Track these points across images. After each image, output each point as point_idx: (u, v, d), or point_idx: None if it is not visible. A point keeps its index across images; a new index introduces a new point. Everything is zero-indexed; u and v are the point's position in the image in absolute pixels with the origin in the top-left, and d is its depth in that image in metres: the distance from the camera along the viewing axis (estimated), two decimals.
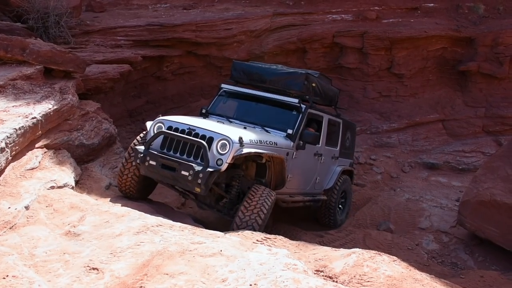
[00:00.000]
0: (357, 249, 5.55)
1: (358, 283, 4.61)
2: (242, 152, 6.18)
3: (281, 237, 6.11)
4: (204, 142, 6.20)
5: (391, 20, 14.88)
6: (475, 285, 6.89)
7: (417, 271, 5.22)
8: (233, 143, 6.17)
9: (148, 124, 6.97)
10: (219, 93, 8.67)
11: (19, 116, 6.18)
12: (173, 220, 5.62)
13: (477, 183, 8.79)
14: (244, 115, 8.18)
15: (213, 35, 13.26)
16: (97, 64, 10.65)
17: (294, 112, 7.93)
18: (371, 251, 5.55)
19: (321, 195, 9.11)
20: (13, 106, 6.42)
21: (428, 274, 5.37)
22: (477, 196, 8.56)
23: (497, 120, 14.44)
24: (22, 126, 6.07)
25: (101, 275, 3.92)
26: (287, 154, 7.38)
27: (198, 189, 6.14)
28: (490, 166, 9.11)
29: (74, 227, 5.10)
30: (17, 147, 6.04)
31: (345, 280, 4.67)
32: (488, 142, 14.04)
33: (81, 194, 6.60)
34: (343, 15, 14.91)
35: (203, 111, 8.37)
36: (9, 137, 5.75)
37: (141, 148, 6.60)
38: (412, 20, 14.92)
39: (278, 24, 14.32)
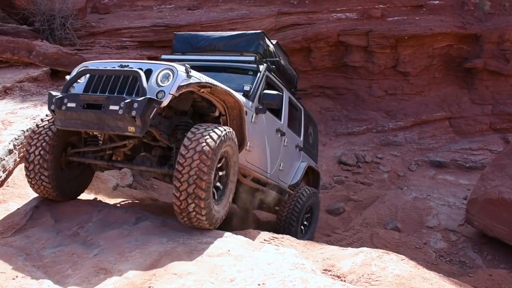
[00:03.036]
0: (364, 248, 5.54)
1: (366, 282, 4.60)
2: (190, 82, 4.75)
3: (288, 236, 6.10)
4: (139, 70, 4.77)
5: (396, 18, 14.85)
6: (483, 284, 6.86)
7: (425, 270, 5.20)
8: (178, 71, 4.73)
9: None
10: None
11: (26, 118, 6.21)
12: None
13: (485, 181, 8.75)
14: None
15: None
16: None
17: (251, 74, 6.46)
18: (379, 250, 5.54)
19: (286, 188, 7.35)
20: (20, 108, 6.46)
21: (436, 273, 5.35)
22: (485, 194, 8.52)
23: (504, 117, 14.38)
24: (30, 128, 6.10)
25: (109, 276, 3.93)
26: (246, 113, 5.73)
27: (132, 128, 4.57)
28: (497, 164, 9.07)
29: (82, 227, 5.11)
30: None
31: (353, 280, 4.66)
32: (495, 139, 13.99)
33: (89, 195, 6.61)
34: (348, 14, 14.89)
35: None
36: (17, 139, 5.79)
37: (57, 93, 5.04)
38: (417, 18, 14.88)
39: (283, 23, 14.32)
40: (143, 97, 4.51)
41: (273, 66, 6.76)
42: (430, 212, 10.41)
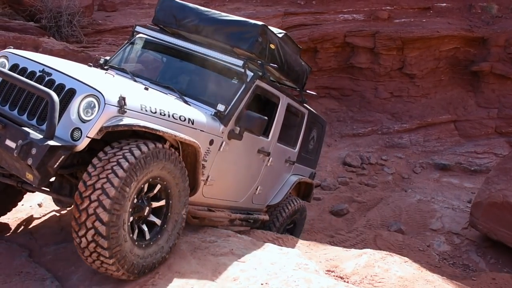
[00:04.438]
0: (368, 250, 5.54)
1: (370, 283, 4.60)
2: (120, 123, 3.56)
3: (292, 236, 6.11)
4: (51, 92, 3.54)
5: (403, 20, 14.83)
6: None
7: (428, 272, 5.20)
8: (105, 103, 3.53)
9: None
10: (131, 40, 5.81)
11: None
12: None
13: (490, 185, 8.73)
14: (161, 75, 5.55)
15: None
16: None
17: (235, 81, 5.12)
18: (382, 251, 5.54)
19: (260, 213, 6.21)
20: None
21: (439, 276, 5.35)
22: (489, 197, 8.50)
23: (510, 121, 14.34)
24: None
25: None
26: (211, 142, 4.65)
27: (29, 176, 3.52)
28: (502, 167, 9.04)
29: None
30: None
31: (356, 281, 4.66)
32: (500, 143, 13.94)
33: None
34: (354, 15, 14.88)
35: (101, 61, 5.60)
36: None
37: None
38: (424, 20, 14.85)
39: (289, 23, 14.32)
40: (46, 142, 3.35)
41: (268, 74, 5.50)
42: (434, 214, 10.39)
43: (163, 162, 3.76)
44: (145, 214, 3.78)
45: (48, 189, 4.17)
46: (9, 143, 3.52)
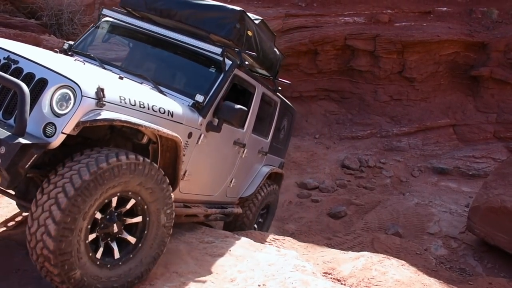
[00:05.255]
0: (365, 253, 5.55)
1: (367, 286, 4.61)
2: (98, 117, 3.26)
3: (289, 238, 6.12)
4: (20, 83, 3.20)
5: (403, 23, 14.85)
6: None
7: (425, 276, 5.21)
8: (82, 95, 3.21)
9: None
10: (98, 24, 5.37)
11: None
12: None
13: (488, 189, 8.74)
14: (131, 63, 5.20)
15: None
16: None
17: (213, 70, 4.84)
18: (380, 254, 5.55)
19: (233, 206, 6.03)
20: None
21: (436, 280, 5.36)
22: (487, 202, 8.51)
23: (509, 126, 14.36)
24: None
25: None
26: (189, 135, 4.39)
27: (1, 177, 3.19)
28: (501, 172, 9.06)
29: None
30: None
31: (353, 283, 4.67)
32: (499, 148, 13.97)
33: None
34: (355, 18, 14.89)
35: (65, 46, 5.13)
36: None
37: None
38: (424, 24, 14.87)
39: (290, 25, 14.33)
40: (16, 140, 3.00)
41: (246, 63, 5.21)
42: (431, 218, 10.40)
43: (137, 177, 3.40)
44: (114, 231, 3.41)
45: (13, 193, 3.74)
46: None
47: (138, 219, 3.57)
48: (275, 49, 6.23)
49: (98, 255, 3.31)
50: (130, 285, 3.54)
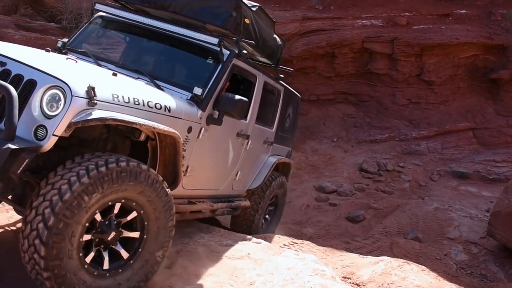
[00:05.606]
0: (385, 257, 5.49)
1: None
2: (90, 117, 3.15)
3: (308, 242, 6.08)
4: (8, 86, 3.07)
5: (421, 26, 14.72)
6: None
7: (446, 281, 5.14)
8: (72, 95, 3.10)
9: None
10: (91, 20, 5.24)
11: None
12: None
13: (509, 194, 8.59)
14: (126, 58, 5.14)
15: None
16: None
17: (210, 61, 4.69)
18: (399, 259, 5.49)
19: (241, 199, 5.91)
20: None
21: (457, 285, 5.28)
22: (508, 207, 8.37)
23: None
24: None
25: None
26: (189, 129, 4.27)
27: None
28: None
29: None
30: None
31: None
32: None
33: None
34: (373, 21, 14.81)
35: (59, 44, 5.00)
36: None
37: None
38: (443, 27, 14.74)
39: (307, 28, 14.30)
40: (4, 145, 2.88)
41: (245, 52, 4.99)
42: (451, 223, 10.26)
43: (136, 185, 3.30)
44: (109, 239, 3.31)
45: (9, 198, 3.67)
46: None
47: (135, 234, 3.47)
48: (275, 36, 6.09)
49: (88, 259, 3.21)
50: None
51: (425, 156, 13.72)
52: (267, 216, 6.66)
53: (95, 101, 3.19)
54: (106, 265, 3.32)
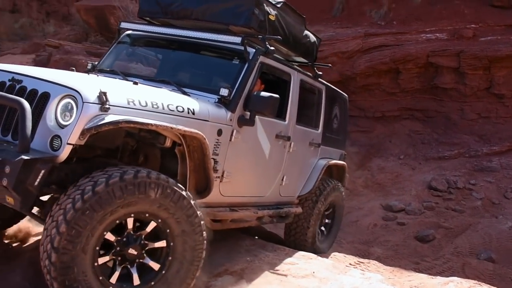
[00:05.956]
0: (455, 278, 5.31)
1: None
2: (102, 122, 3.10)
3: (374, 261, 5.97)
4: (20, 99, 3.14)
5: (489, 37, 14.23)
6: None
7: None
8: (83, 102, 3.10)
9: None
10: (119, 39, 5.29)
11: None
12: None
13: None
14: (159, 71, 5.09)
15: None
16: None
17: (236, 61, 4.58)
18: (471, 280, 5.29)
19: (291, 205, 5.70)
20: None
21: None
22: None
23: None
24: None
25: None
26: (219, 132, 4.14)
27: (10, 200, 3.19)
28: None
29: None
30: None
31: None
32: None
33: None
34: (437, 34, 14.48)
35: (88, 67, 5.11)
36: None
37: None
38: None
39: (370, 44, 14.19)
40: (17, 157, 2.88)
41: (272, 48, 4.73)
42: None
43: (151, 196, 3.19)
44: (132, 254, 3.24)
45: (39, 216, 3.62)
46: None
47: (162, 243, 3.39)
48: (308, 33, 5.79)
49: (113, 279, 3.17)
50: None
51: (498, 173, 13.12)
52: (322, 228, 6.39)
53: (108, 106, 3.16)
54: (136, 281, 3.28)
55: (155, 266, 3.36)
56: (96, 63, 5.17)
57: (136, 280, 3.27)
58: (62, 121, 3.15)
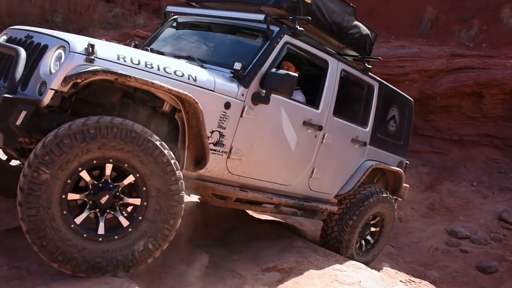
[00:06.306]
0: None
1: None
2: (83, 71, 3.20)
3: (426, 282, 5.88)
4: (16, 47, 3.44)
5: None
6: None
7: None
8: (69, 51, 3.28)
9: None
10: (165, 22, 5.44)
11: None
12: None
13: None
14: (188, 49, 4.98)
15: (384, 71, 13.23)
16: None
17: (260, 39, 4.54)
18: None
19: (325, 202, 5.39)
20: None
21: None
22: None
23: None
24: None
25: (243, 281, 4.21)
26: (227, 105, 4.06)
27: None
28: None
29: (227, 234, 5.51)
30: None
31: None
32: None
33: None
34: None
35: (132, 44, 5.24)
36: None
37: None
38: None
39: (455, 65, 13.80)
40: (4, 95, 3.13)
41: (301, 29, 4.53)
42: None
43: (122, 143, 3.19)
44: (103, 202, 3.25)
45: None
46: None
47: (136, 201, 3.36)
48: (358, 23, 5.50)
49: (78, 220, 3.20)
50: (101, 267, 3.27)
51: None
52: (368, 238, 6.02)
53: (93, 58, 3.28)
54: (100, 230, 3.28)
55: (124, 222, 3.35)
56: (137, 43, 5.34)
57: (101, 230, 3.28)
58: (52, 70, 3.33)
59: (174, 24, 5.29)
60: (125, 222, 3.33)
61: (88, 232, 3.23)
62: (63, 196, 3.11)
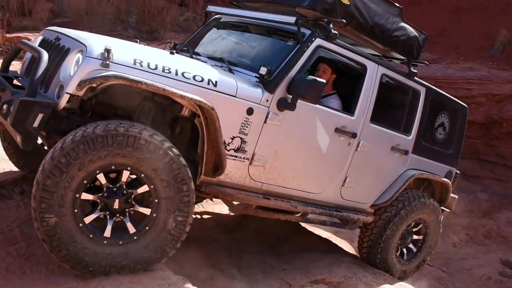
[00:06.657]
0: None
1: None
2: (95, 76, 3.20)
3: None
4: (39, 50, 3.51)
5: None
6: None
7: None
8: (86, 56, 3.29)
9: None
10: (205, 22, 5.33)
11: None
12: None
13: None
14: (221, 51, 4.82)
15: (451, 92, 12.87)
16: None
17: (291, 42, 4.33)
18: None
19: (358, 212, 5.15)
20: None
21: None
22: None
23: None
24: None
25: None
26: (249, 111, 3.90)
27: (18, 138, 3.39)
28: None
29: (280, 243, 5.63)
30: None
31: None
32: None
33: None
34: None
35: (171, 45, 5.23)
36: None
37: None
38: None
39: None
40: (22, 98, 3.17)
41: (335, 33, 4.32)
42: None
43: (154, 160, 3.25)
44: (114, 207, 3.28)
45: None
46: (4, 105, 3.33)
47: (146, 210, 3.38)
48: (407, 26, 5.19)
49: (87, 220, 3.25)
50: (102, 269, 3.30)
51: None
52: (411, 246, 5.74)
53: (109, 63, 3.25)
54: (107, 233, 3.31)
55: (131, 229, 3.37)
56: (177, 43, 5.29)
57: (108, 232, 3.31)
58: (72, 73, 3.32)
59: (215, 24, 5.21)
60: (131, 229, 3.38)
61: (95, 234, 3.28)
62: (77, 196, 3.17)
